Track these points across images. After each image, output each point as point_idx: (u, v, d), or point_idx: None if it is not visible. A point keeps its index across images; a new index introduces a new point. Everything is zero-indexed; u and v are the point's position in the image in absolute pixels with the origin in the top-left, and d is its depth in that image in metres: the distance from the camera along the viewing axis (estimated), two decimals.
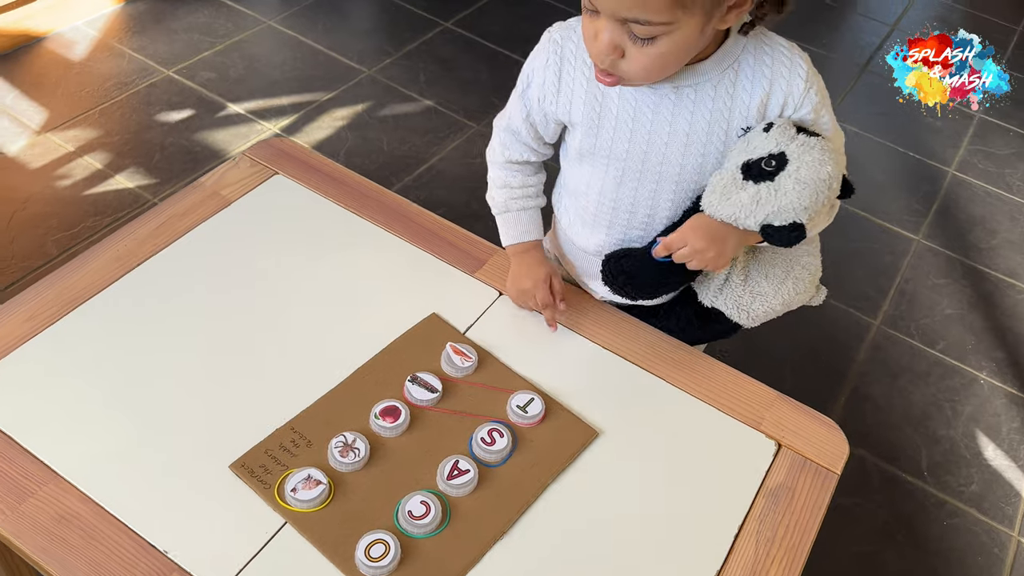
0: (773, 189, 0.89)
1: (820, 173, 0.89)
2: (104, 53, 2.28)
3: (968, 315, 1.97)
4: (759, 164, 0.90)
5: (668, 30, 0.81)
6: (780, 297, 1.03)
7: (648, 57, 0.83)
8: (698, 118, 0.93)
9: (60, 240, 1.80)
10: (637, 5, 0.79)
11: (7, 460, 0.86)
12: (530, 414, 0.95)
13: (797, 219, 0.90)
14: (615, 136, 0.96)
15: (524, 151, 1.06)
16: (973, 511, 1.61)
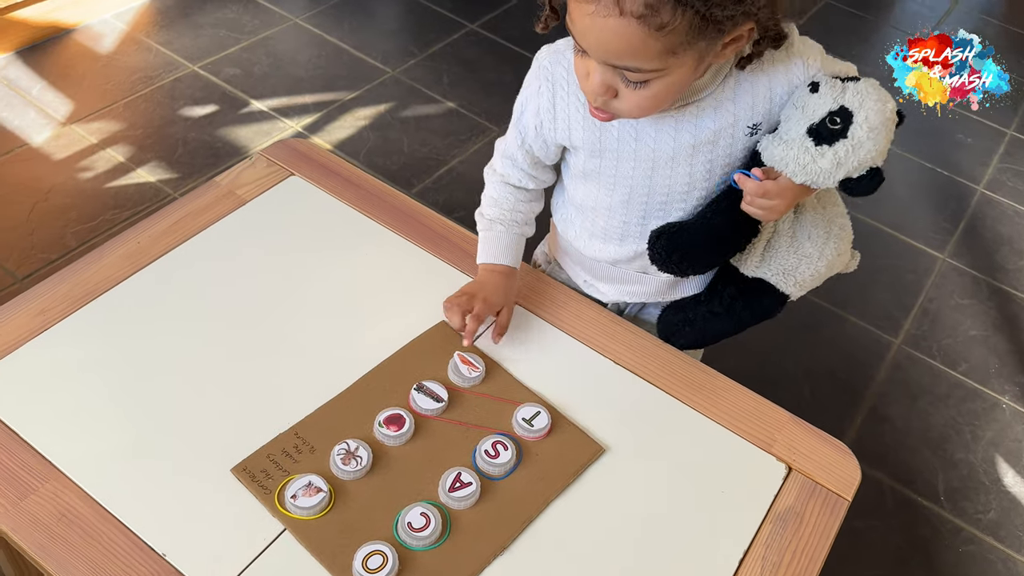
0: (851, 146, 0.89)
1: (885, 112, 0.89)
2: (131, 46, 2.30)
3: (992, 337, 1.93)
4: (824, 124, 0.89)
5: (660, 75, 0.80)
6: (824, 258, 1.02)
7: (641, 98, 0.82)
8: (702, 129, 0.92)
9: (79, 232, 1.81)
10: (626, 55, 0.78)
11: (10, 455, 0.86)
12: (536, 427, 0.94)
13: (874, 164, 0.90)
14: (619, 158, 0.95)
15: (522, 177, 1.05)
16: (990, 539, 1.57)
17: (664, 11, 0.73)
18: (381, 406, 0.94)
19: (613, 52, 0.78)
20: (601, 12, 0.74)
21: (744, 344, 1.28)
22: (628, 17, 0.73)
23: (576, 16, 0.78)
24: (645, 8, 0.73)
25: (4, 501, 0.83)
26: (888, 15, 3.03)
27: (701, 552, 0.88)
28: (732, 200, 0.95)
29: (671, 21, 0.73)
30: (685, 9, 0.73)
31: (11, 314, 0.99)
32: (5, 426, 0.89)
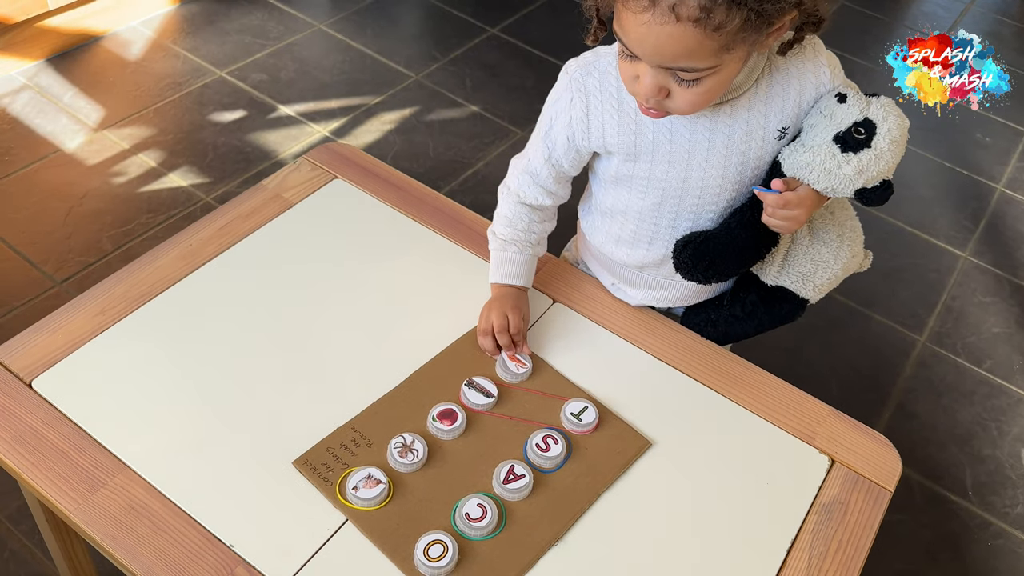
0: (874, 156, 0.92)
1: (904, 127, 0.93)
2: (159, 53, 2.33)
3: (1016, 334, 1.95)
4: (850, 133, 0.92)
5: (714, 72, 0.82)
6: (840, 261, 1.05)
7: (694, 95, 0.84)
8: (736, 129, 0.94)
9: (115, 236, 1.84)
10: (682, 57, 0.80)
11: (79, 451, 0.89)
12: (584, 422, 0.97)
13: (888, 176, 0.94)
14: (654, 161, 0.97)
15: (540, 194, 1.05)
16: (1018, 533, 1.59)
17: (718, 12, 0.75)
18: (433, 401, 0.97)
19: (669, 56, 0.80)
20: (657, 20, 0.77)
21: (770, 341, 1.30)
22: (684, 22, 0.76)
23: (630, 25, 0.80)
24: (700, 12, 0.75)
25: (75, 495, 0.86)
26: (903, 16, 3.05)
27: (749, 542, 0.91)
28: (755, 211, 0.97)
29: (726, 21, 0.75)
30: (739, 7, 0.75)
31: (72, 315, 1.02)
32: (72, 423, 0.91)
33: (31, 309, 1.68)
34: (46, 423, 0.91)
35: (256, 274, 1.09)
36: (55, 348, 0.98)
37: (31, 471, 0.87)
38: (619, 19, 0.82)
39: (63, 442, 0.90)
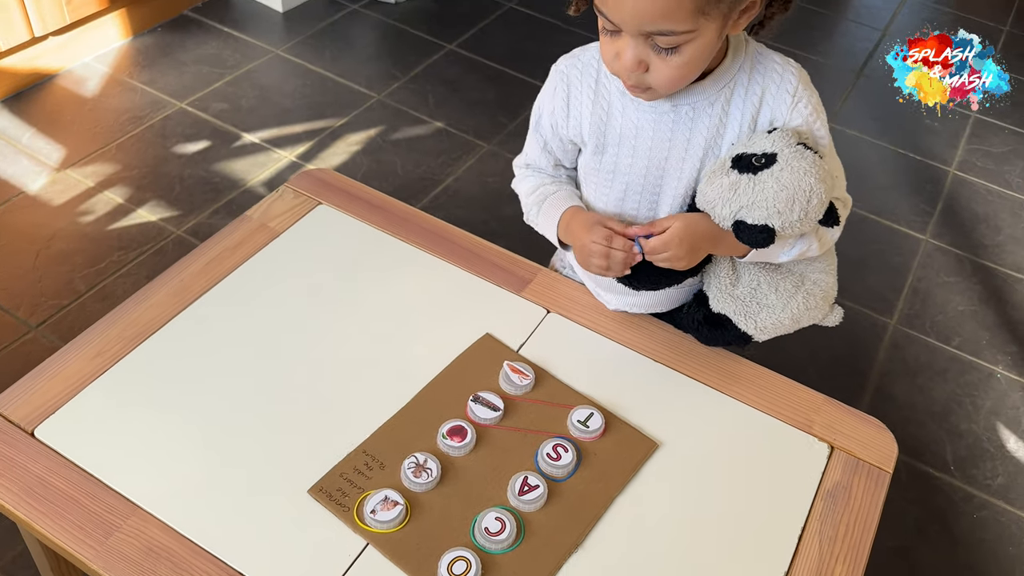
0: (753, 182, 0.91)
1: (802, 182, 0.90)
2: (116, 88, 2.31)
3: (980, 311, 2.02)
4: (750, 158, 0.92)
5: (691, 38, 0.85)
6: (789, 311, 1.05)
7: (673, 67, 0.87)
8: (695, 135, 0.97)
9: (87, 276, 1.81)
10: (662, 16, 0.82)
11: (90, 496, 0.88)
12: (591, 428, 0.98)
13: (769, 222, 0.91)
14: (619, 151, 1.01)
15: (556, 172, 1.10)
16: (1001, 503, 1.65)
17: None
18: (441, 419, 0.98)
19: (648, 16, 0.82)
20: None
21: None
22: None
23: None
24: None
25: (91, 542, 0.85)
26: (845, 9, 3.13)
27: (761, 532, 0.93)
28: None
29: None
30: None
31: (68, 359, 1.01)
32: (80, 469, 0.91)
33: (8, 356, 1.65)
34: (53, 471, 0.90)
35: (249, 305, 1.09)
36: (55, 394, 0.97)
37: (43, 521, 0.86)
38: None
39: (72, 489, 0.89)
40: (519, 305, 1.13)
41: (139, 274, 1.81)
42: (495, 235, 1.24)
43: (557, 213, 1.04)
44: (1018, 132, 2.59)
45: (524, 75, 2.49)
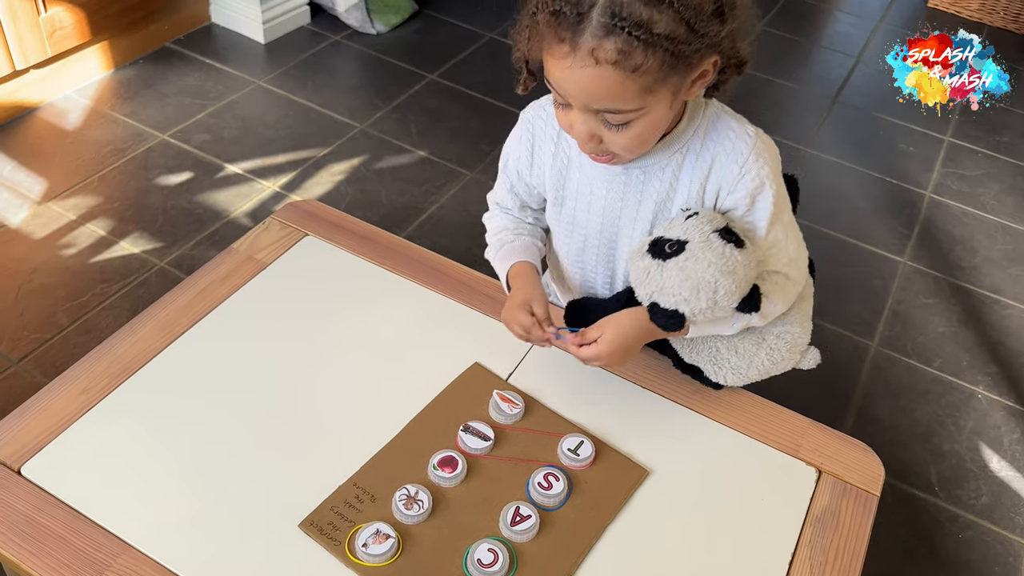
0: (662, 269, 0.92)
1: (705, 274, 0.90)
2: (98, 120, 2.30)
3: (960, 332, 2.05)
4: (663, 244, 0.93)
5: (640, 114, 0.85)
6: (755, 368, 1.06)
7: (626, 138, 0.88)
8: (646, 198, 0.97)
9: (70, 310, 1.80)
10: (607, 97, 0.83)
11: (79, 535, 0.87)
12: (582, 456, 0.98)
13: (678, 308, 0.92)
14: (576, 206, 1.02)
15: (522, 214, 1.13)
16: (985, 523, 1.66)
17: (636, 54, 0.78)
18: (432, 450, 0.97)
19: (594, 97, 0.83)
20: (578, 64, 0.80)
21: None
22: (604, 65, 0.79)
23: (555, 71, 0.83)
24: (618, 55, 0.78)
25: None
26: (819, 37, 3.20)
27: (752, 559, 0.93)
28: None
29: (644, 62, 0.79)
30: (656, 49, 0.78)
31: (54, 396, 1.00)
32: (67, 506, 0.90)
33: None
34: (40, 509, 0.89)
35: (237, 339, 1.09)
36: (41, 431, 0.96)
37: (31, 560, 0.85)
38: (546, 66, 0.85)
39: (60, 527, 0.88)
40: (507, 334, 1.13)
41: (122, 307, 1.80)
42: (480, 263, 1.24)
43: (507, 265, 1.07)
44: (991, 155, 2.65)
45: (505, 104, 2.51)
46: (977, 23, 3.33)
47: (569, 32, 0.79)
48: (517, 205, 1.11)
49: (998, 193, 2.51)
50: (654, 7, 0.77)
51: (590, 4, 0.77)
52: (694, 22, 0.78)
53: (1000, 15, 3.29)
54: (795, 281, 1.03)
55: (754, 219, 0.96)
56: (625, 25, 0.76)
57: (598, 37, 0.78)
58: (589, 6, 0.77)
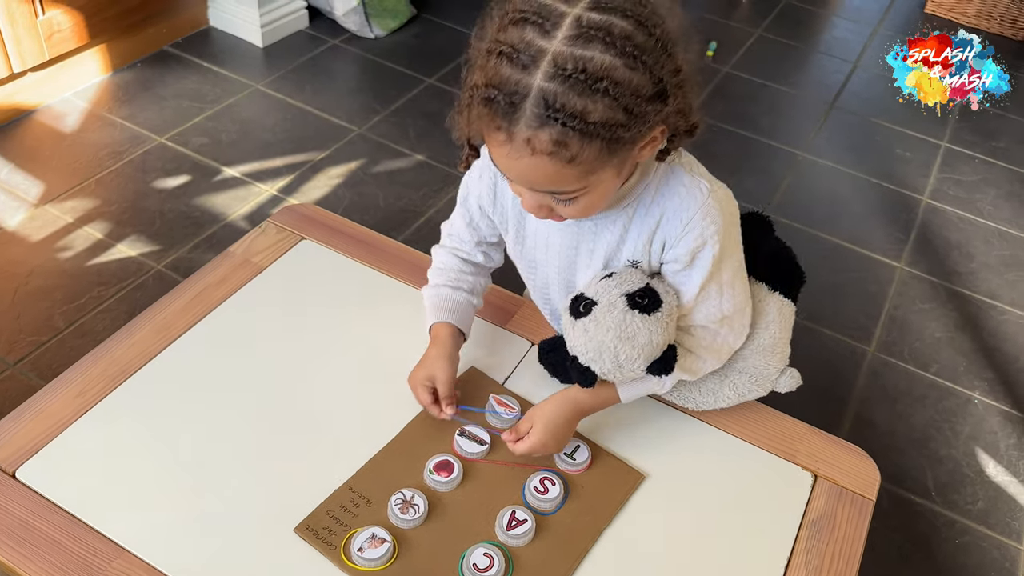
0: (574, 327, 0.93)
1: (603, 339, 0.91)
2: (95, 123, 2.30)
3: (957, 338, 2.05)
4: (580, 302, 0.94)
5: (585, 192, 0.82)
6: (723, 399, 1.05)
7: (574, 210, 0.85)
8: (598, 247, 0.96)
9: (66, 312, 1.80)
10: (547, 183, 0.80)
11: (74, 538, 0.87)
12: (578, 461, 0.99)
13: (590, 365, 0.93)
14: (535, 247, 1.02)
15: (472, 251, 1.09)
16: (982, 528, 1.66)
17: (572, 144, 0.75)
18: (428, 454, 0.98)
19: (535, 182, 0.81)
20: (515, 153, 0.77)
21: None
22: (540, 155, 0.76)
23: (495, 155, 0.80)
24: (553, 146, 0.75)
25: None
26: (816, 43, 3.20)
27: (748, 563, 0.94)
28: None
29: (580, 151, 0.75)
30: (592, 139, 0.75)
31: (50, 399, 1.00)
32: (62, 510, 0.89)
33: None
34: (35, 513, 0.89)
35: (234, 342, 1.09)
36: (36, 435, 0.96)
37: (25, 565, 0.85)
38: (487, 146, 0.81)
39: (55, 531, 0.88)
40: (503, 338, 1.14)
41: (119, 310, 1.80)
42: None
43: (433, 319, 1.05)
44: (988, 161, 2.65)
45: None
46: (975, 29, 3.34)
47: (504, 121, 0.75)
48: (473, 241, 1.08)
49: (995, 199, 2.51)
50: (589, 96, 0.73)
51: (523, 94, 0.74)
52: (632, 107, 0.75)
53: (997, 21, 3.30)
54: (731, 335, 1.00)
55: (689, 276, 0.94)
56: (559, 116, 0.73)
57: (533, 128, 0.74)
58: (523, 96, 0.74)
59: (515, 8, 0.77)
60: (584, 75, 0.73)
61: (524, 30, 0.75)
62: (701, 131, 0.86)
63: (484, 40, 0.79)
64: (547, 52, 0.74)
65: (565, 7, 0.75)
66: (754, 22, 3.23)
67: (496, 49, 0.76)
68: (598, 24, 0.74)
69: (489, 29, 0.79)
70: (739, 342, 1.01)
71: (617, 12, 0.75)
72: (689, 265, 0.94)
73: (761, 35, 3.15)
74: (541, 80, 0.73)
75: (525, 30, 0.75)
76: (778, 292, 1.03)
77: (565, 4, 0.75)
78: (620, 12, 0.75)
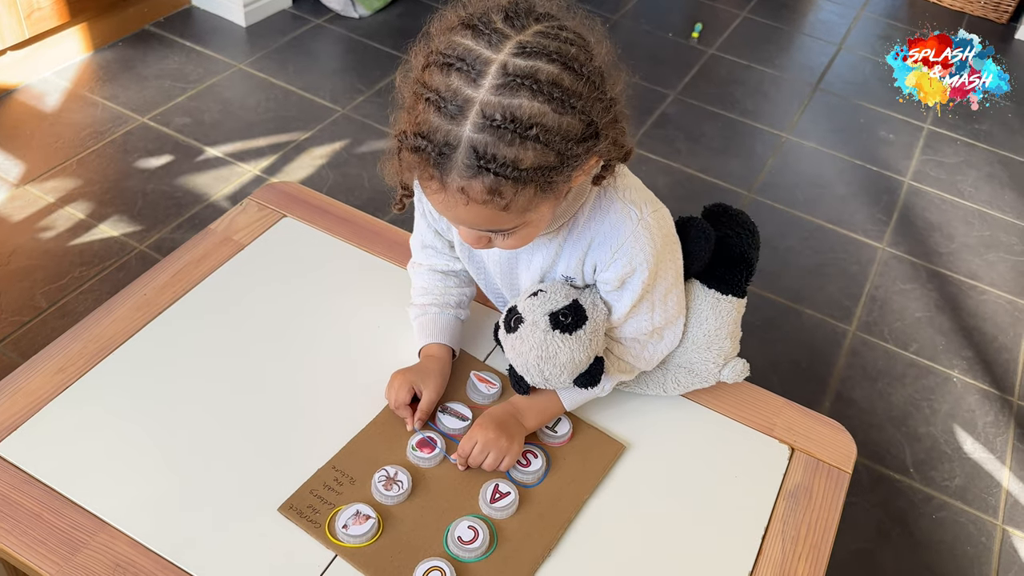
0: (506, 340, 0.96)
1: (528, 356, 0.93)
2: (76, 103, 2.28)
3: (936, 317, 2.07)
4: (511, 316, 0.95)
5: (523, 226, 0.82)
6: (668, 389, 1.06)
7: (515, 240, 0.85)
8: (534, 262, 0.97)
9: (48, 292, 1.79)
10: (484, 224, 0.81)
11: (55, 513, 0.87)
12: (559, 433, 0.99)
13: (524, 375, 0.96)
14: (479, 256, 1.02)
15: (448, 260, 1.07)
16: (959, 503, 1.69)
17: (506, 191, 0.74)
18: (410, 431, 0.98)
19: (473, 224, 0.81)
20: (450, 200, 0.77)
21: None
22: (474, 204, 0.76)
23: (430, 200, 0.80)
24: (488, 194, 0.74)
25: (56, 558, 0.84)
26: (801, 24, 3.21)
27: (726, 533, 0.95)
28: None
29: (515, 198, 0.75)
30: (525, 184, 0.75)
31: (29, 376, 1.00)
32: (44, 485, 0.90)
33: None
34: (15, 488, 0.89)
35: (215, 319, 1.09)
36: (16, 411, 0.96)
37: (6, 538, 0.85)
38: (422, 190, 0.81)
39: (36, 505, 0.88)
40: (484, 314, 1.14)
41: (101, 290, 1.79)
42: None
43: (424, 340, 1.04)
44: (970, 143, 2.67)
45: None
46: (958, 12, 3.35)
47: (436, 171, 0.75)
48: (446, 245, 1.06)
49: (975, 180, 2.53)
50: (519, 145, 0.72)
51: (454, 145, 0.73)
52: (564, 150, 0.74)
53: (980, 4, 3.31)
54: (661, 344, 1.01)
55: (620, 297, 0.95)
56: (491, 166, 0.72)
57: (465, 178, 0.74)
58: (452, 147, 0.73)
59: (439, 51, 0.74)
60: (513, 124, 0.72)
61: (450, 77, 0.73)
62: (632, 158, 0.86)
63: (409, 80, 0.78)
64: (474, 102, 0.72)
65: (490, 53, 0.73)
66: (739, 4, 3.23)
67: (423, 95, 0.74)
68: (524, 71, 0.72)
69: (415, 66, 0.78)
70: (670, 349, 1.02)
71: (543, 56, 0.73)
72: (619, 288, 0.94)
73: (746, 17, 3.15)
74: (470, 131, 0.72)
75: (451, 77, 0.73)
76: (714, 290, 1.02)
77: (490, 50, 0.73)
78: (546, 56, 0.73)
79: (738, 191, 2.34)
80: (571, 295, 0.94)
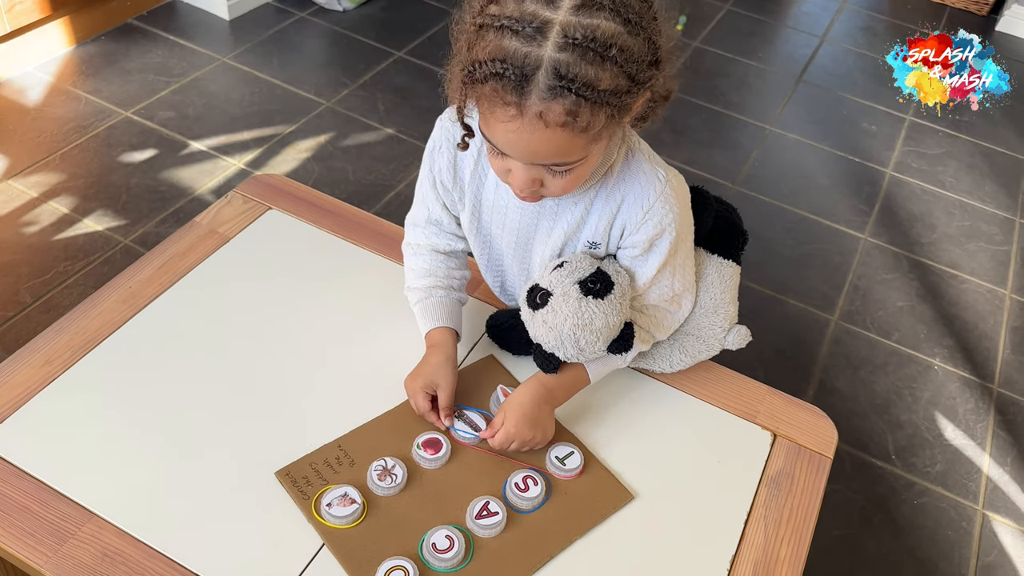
0: (533, 318, 0.96)
1: (562, 327, 0.93)
2: (59, 97, 2.27)
3: (918, 307, 2.09)
4: (536, 293, 0.96)
5: (584, 161, 0.83)
6: (676, 364, 1.08)
7: (567, 180, 0.85)
8: (557, 226, 0.97)
9: (33, 287, 1.78)
10: (555, 155, 0.80)
11: (42, 504, 0.88)
12: (568, 467, 0.97)
13: (554, 351, 0.96)
14: (492, 221, 1.01)
15: (451, 240, 1.07)
16: (940, 489, 1.71)
17: (584, 115, 0.75)
18: (422, 428, 0.98)
19: (542, 156, 0.81)
20: (527, 127, 0.76)
21: None
22: (553, 127, 0.76)
23: (498, 132, 0.79)
24: (567, 116, 0.75)
25: (44, 549, 0.84)
26: (785, 17, 3.23)
27: (709, 517, 0.96)
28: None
29: (593, 121, 0.76)
30: (602, 106, 0.76)
31: (15, 368, 1.00)
32: (31, 476, 0.90)
33: None
34: (3, 480, 0.89)
35: (201, 311, 1.09)
36: (2, 403, 0.96)
37: None
38: (486, 124, 0.80)
39: (24, 497, 0.88)
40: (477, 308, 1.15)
41: (86, 284, 1.79)
42: None
43: (428, 325, 1.03)
44: (951, 134, 2.70)
45: None
46: (939, 4, 3.38)
47: (515, 96, 0.75)
48: (454, 221, 1.05)
49: (956, 171, 2.56)
50: (599, 65, 0.74)
51: (535, 66, 0.73)
52: (635, 73, 0.76)
53: None
54: (679, 311, 1.04)
55: (646, 261, 0.96)
56: (572, 86, 0.73)
57: (545, 100, 0.74)
58: (534, 68, 0.73)
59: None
60: (594, 43, 0.73)
61: (524, 3, 0.74)
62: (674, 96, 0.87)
63: (469, 16, 0.78)
64: (554, 22, 0.73)
65: None
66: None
67: (493, 23, 0.75)
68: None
69: (473, 8, 0.78)
70: (684, 317, 1.05)
71: None
72: (647, 251, 0.95)
73: (730, 9, 3.17)
74: (552, 51, 0.73)
75: (525, 3, 0.74)
76: (717, 255, 1.06)
77: None
78: None
79: (723, 183, 2.35)
80: (594, 264, 0.95)
